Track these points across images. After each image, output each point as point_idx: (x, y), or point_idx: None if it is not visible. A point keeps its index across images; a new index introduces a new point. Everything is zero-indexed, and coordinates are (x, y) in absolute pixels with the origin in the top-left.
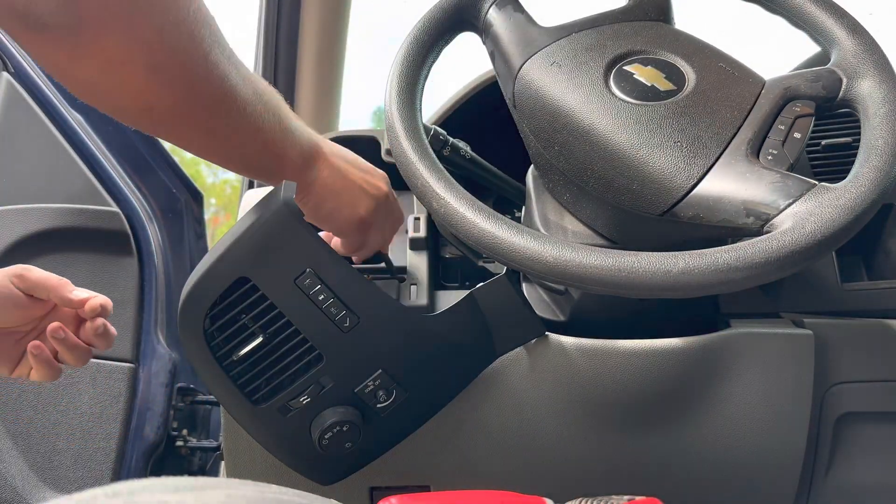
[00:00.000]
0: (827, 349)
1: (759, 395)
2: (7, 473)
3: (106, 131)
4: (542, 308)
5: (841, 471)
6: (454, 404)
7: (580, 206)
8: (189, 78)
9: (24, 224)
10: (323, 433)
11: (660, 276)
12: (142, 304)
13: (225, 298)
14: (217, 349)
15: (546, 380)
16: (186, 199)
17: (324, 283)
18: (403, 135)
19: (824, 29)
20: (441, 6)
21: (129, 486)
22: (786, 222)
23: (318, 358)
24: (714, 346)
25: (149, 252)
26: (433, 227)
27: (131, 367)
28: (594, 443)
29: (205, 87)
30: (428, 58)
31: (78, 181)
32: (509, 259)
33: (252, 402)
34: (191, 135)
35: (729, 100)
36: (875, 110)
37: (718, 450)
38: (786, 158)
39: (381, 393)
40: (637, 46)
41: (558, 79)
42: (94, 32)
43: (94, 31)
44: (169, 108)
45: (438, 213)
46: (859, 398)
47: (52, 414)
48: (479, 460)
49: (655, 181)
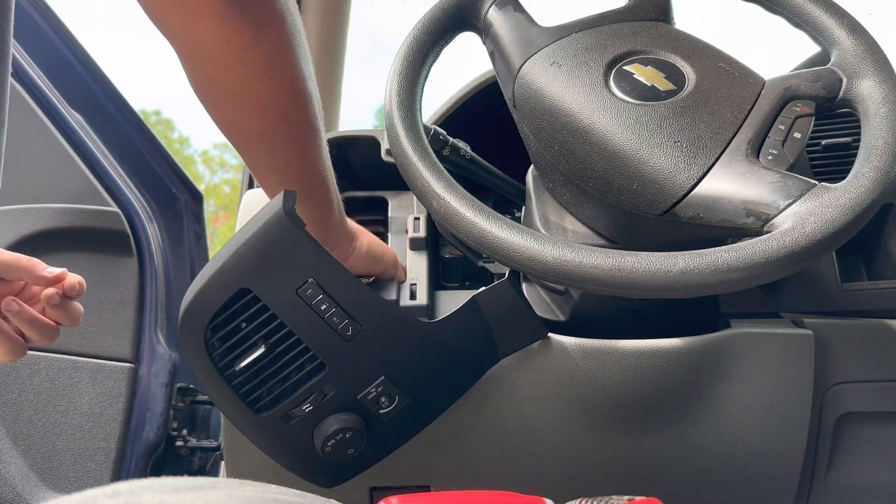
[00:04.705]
0: (827, 349)
1: (760, 395)
2: (7, 473)
3: (106, 131)
4: (542, 308)
5: (841, 471)
6: (455, 405)
7: (580, 206)
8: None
9: (24, 224)
10: (326, 440)
11: (660, 276)
12: (142, 304)
13: (226, 309)
14: (218, 360)
15: (546, 380)
16: (186, 199)
17: (326, 293)
18: (403, 135)
19: (824, 29)
20: (441, 6)
21: (129, 486)
22: (786, 222)
23: (321, 367)
24: (714, 346)
25: (148, 252)
26: (433, 227)
27: (131, 367)
28: (594, 443)
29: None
30: (428, 58)
31: (78, 181)
32: (509, 259)
33: (254, 410)
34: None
35: (729, 100)
36: (875, 110)
37: (718, 450)
38: (786, 158)
39: (383, 399)
40: (637, 46)
41: (558, 79)
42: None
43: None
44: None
45: (438, 213)
46: (859, 398)
47: (52, 414)
48: (480, 460)
49: (655, 181)
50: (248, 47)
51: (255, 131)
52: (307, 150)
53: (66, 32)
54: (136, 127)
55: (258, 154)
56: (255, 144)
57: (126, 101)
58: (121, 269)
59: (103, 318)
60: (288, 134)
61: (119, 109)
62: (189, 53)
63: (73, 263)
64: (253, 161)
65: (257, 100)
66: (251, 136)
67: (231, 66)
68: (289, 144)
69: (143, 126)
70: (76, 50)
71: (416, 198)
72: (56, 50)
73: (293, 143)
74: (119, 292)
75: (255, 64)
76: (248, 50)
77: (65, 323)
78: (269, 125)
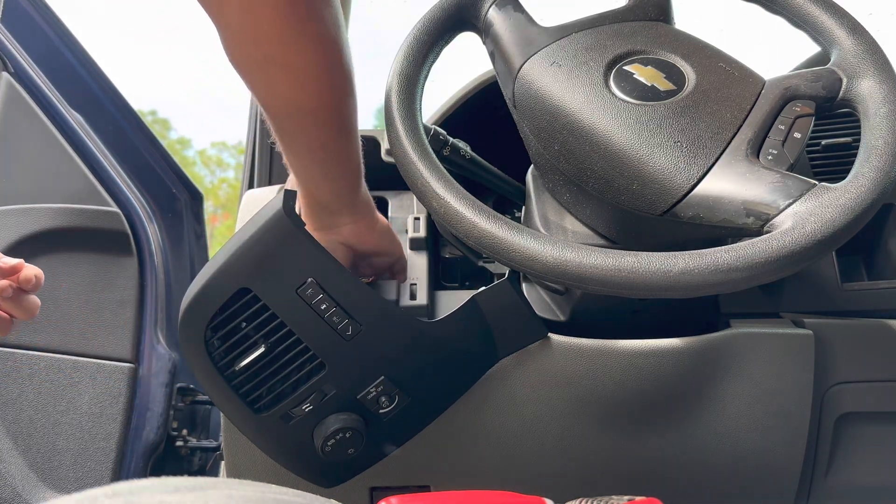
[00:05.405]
0: (827, 349)
1: (760, 395)
2: (7, 473)
3: (106, 131)
4: (542, 308)
5: (841, 471)
6: (454, 405)
7: (580, 206)
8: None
9: (24, 224)
10: (326, 440)
11: (660, 276)
12: (142, 304)
13: (226, 309)
14: (218, 359)
15: (546, 380)
16: (186, 199)
17: (326, 293)
18: (403, 135)
19: (824, 29)
20: (441, 6)
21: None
22: (786, 222)
23: (321, 366)
24: (714, 346)
25: (148, 252)
26: (433, 227)
27: (131, 367)
28: (594, 442)
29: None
30: (428, 58)
31: (78, 181)
32: (509, 259)
33: (254, 410)
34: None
35: (729, 100)
36: (875, 110)
37: (718, 450)
38: (786, 158)
39: (383, 399)
40: (637, 46)
41: (558, 79)
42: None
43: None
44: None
45: (438, 213)
46: (859, 398)
47: (52, 414)
48: (480, 460)
49: (655, 181)
50: (305, 21)
51: (309, 106)
52: (353, 122)
53: (66, 32)
54: (136, 127)
55: (307, 130)
56: (306, 120)
57: (126, 101)
58: (121, 269)
59: (103, 318)
60: (337, 107)
61: (119, 109)
62: (244, 33)
63: (73, 263)
64: (298, 140)
65: (313, 73)
66: (303, 112)
67: (289, 41)
68: (338, 118)
69: (143, 126)
70: (76, 50)
71: (416, 198)
72: (56, 50)
73: (342, 116)
74: (119, 292)
75: (311, 37)
76: (305, 24)
77: (18, 316)
78: (323, 99)
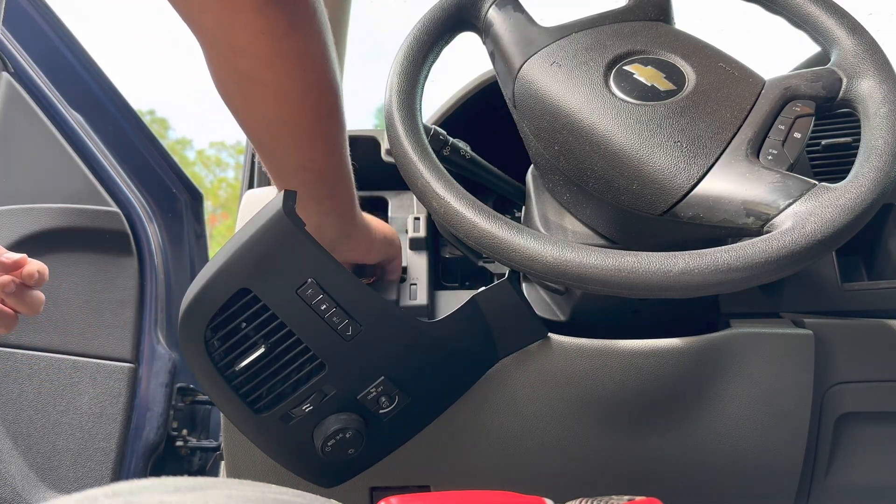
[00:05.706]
0: (827, 349)
1: (760, 395)
2: (7, 473)
3: (106, 131)
4: (542, 308)
5: (841, 471)
6: (455, 405)
7: (580, 206)
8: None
9: (24, 224)
10: (326, 440)
11: (660, 276)
12: (142, 304)
13: (226, 310)
14: (218, 359)
15: (546, 380)
16: (186, 199)
17: (326, 293)
18: (403, 135)
19: (824, 29)
20: (441, 6)
21: (129, 486)
22: (786, 222)
23: (321, 366)
24: (714, 346)
25: (148, 252)
26: (433, 227)
27: (131, 367)
28: (594, 443)
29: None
30: (428, 58)
31: (78, 181)
32: (509, 259)
33: (254, 410)
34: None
35: (729, 100)
36: (875, 110)
37: (718, 450)
38: (786, 158)
39: (383, 399)
40: (637, 46)
41: (558, 79)
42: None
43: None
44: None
45: (438, 213)
46: (859, 398)
47: (52, 414)
48: (480, 460)
49: (655, 181)
50: (284, 38)
51: (288, 125)
52: (337, 144)
53: (66, 32)
54: (136, 127)
55: (288, 152)
56: (286, 141)
57: (126, 101)
58: (121, 269)
59: (103, 318)
60: (320, 127)
61: (119, 109)
62: (221, 48)
63: (73, 263)
64: (280, 162)
65: (292, 92)
66: (283, 132)
67: (266, 57)
68: (320, 138)
69: (143, 126)
70: (76, 50)
71: (416, 198)
72: (56, 50)
73: (325, 136)
74: (119, 292)
75: (290, 55)
76: (284, 40)
77: (22, 311)
78: (303, 118)
